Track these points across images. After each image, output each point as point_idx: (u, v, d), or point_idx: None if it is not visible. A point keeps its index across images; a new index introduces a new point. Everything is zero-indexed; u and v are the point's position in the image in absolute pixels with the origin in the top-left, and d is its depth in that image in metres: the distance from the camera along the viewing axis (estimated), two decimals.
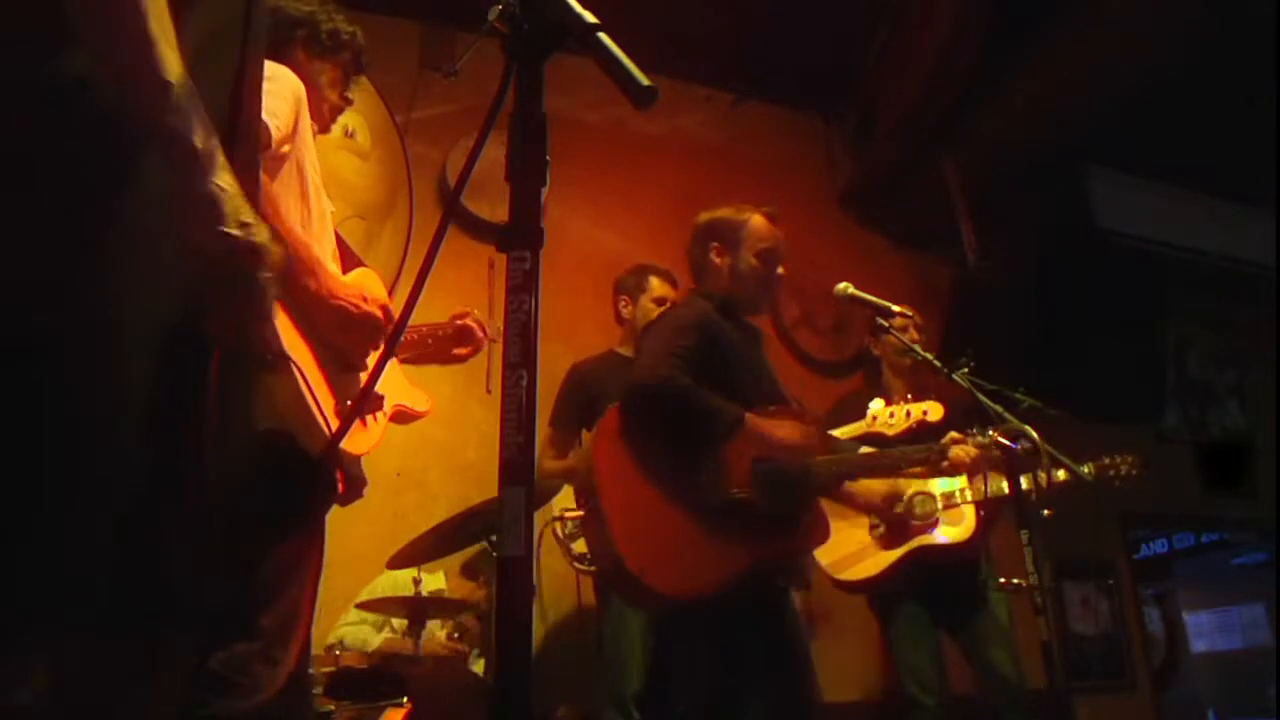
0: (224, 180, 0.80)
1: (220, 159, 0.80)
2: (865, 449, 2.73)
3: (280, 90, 1.70)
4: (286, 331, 1.59)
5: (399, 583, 3.22)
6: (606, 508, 2.16)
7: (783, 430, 2.26)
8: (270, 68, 1.73)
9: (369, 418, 1.89)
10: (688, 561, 2.15)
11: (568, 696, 3.45)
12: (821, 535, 2.42)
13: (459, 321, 2.24)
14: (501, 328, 0.89)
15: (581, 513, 2.91)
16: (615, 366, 3.36)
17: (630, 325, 3.41)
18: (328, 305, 1.68)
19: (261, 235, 0.82)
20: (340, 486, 1.76)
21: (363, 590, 3.31)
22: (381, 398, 1.92)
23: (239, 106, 0.95)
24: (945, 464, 2.68)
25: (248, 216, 0.81)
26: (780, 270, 2.53)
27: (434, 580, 3.42)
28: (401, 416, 2.07)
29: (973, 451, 2.68)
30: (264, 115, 1.62)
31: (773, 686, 2.29)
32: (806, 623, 3.79)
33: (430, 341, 2.24)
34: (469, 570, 3.51)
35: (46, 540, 0.76)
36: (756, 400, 2.34)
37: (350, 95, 2.09)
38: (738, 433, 2.20)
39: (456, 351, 2.25)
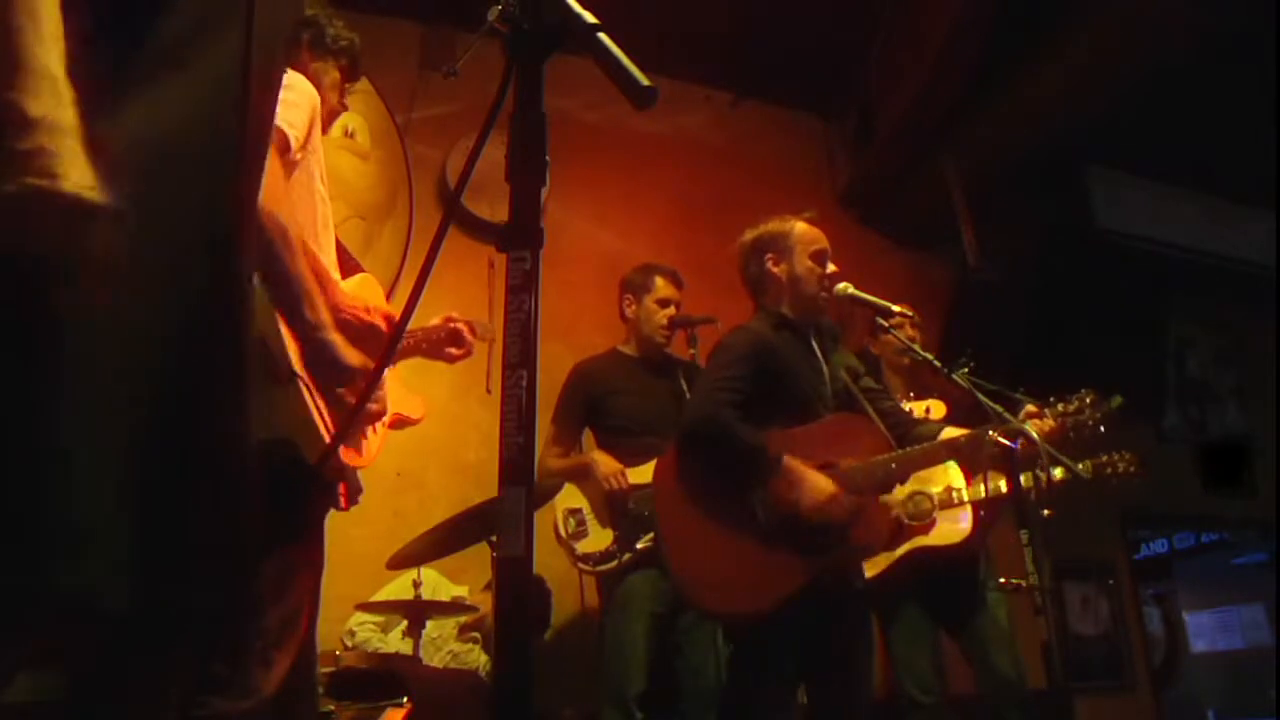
0: (53, 142, 0.76)
1: (61, 125, 0.77)
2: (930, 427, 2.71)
3: (298, 99, 1.71)
4: (293, 350, 1.60)
5: (409, 586, 3.23)
6: (667, 541, 2.40)
7: (814, 488, 2.31)
8: (289, 76, 1.73)
9: (369, 429, 1.90)
10: (745, 582, 2.29)
11: (571, 697, 3.45)
12: (880, 534, 2.49)
13: (451, 324, 2.25)
14: (496, 327, 0.89)
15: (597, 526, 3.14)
16: (618, 366, 3.36)
17: (633, 324, 3.41)
18: (334, 318, 1.69)
19: (76, 184, 0.76)
20: (344, 502, 1.77)
21: (376, 593, 3.32)
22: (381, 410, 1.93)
23: (246, 100, 0.94)
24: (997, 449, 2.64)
25: (68, 170, 0.77)
26: (833, 268, 2.63)
27: (456, 590, 3.42)
28: (399, 424, 2.08)
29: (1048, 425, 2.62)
30: (283, 124, 1.63)
31: (829, 690, 2.38)
32: None
33: (424, 346, 2.25)
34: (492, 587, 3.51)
35: (47, 534, 0.76)
36: (817, 413, 2.47)
37: (345, 102, 2.10)
38: (772, 477, 2.30)
39: (450, 351, 2.26)
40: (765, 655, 2.34)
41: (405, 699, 2.50)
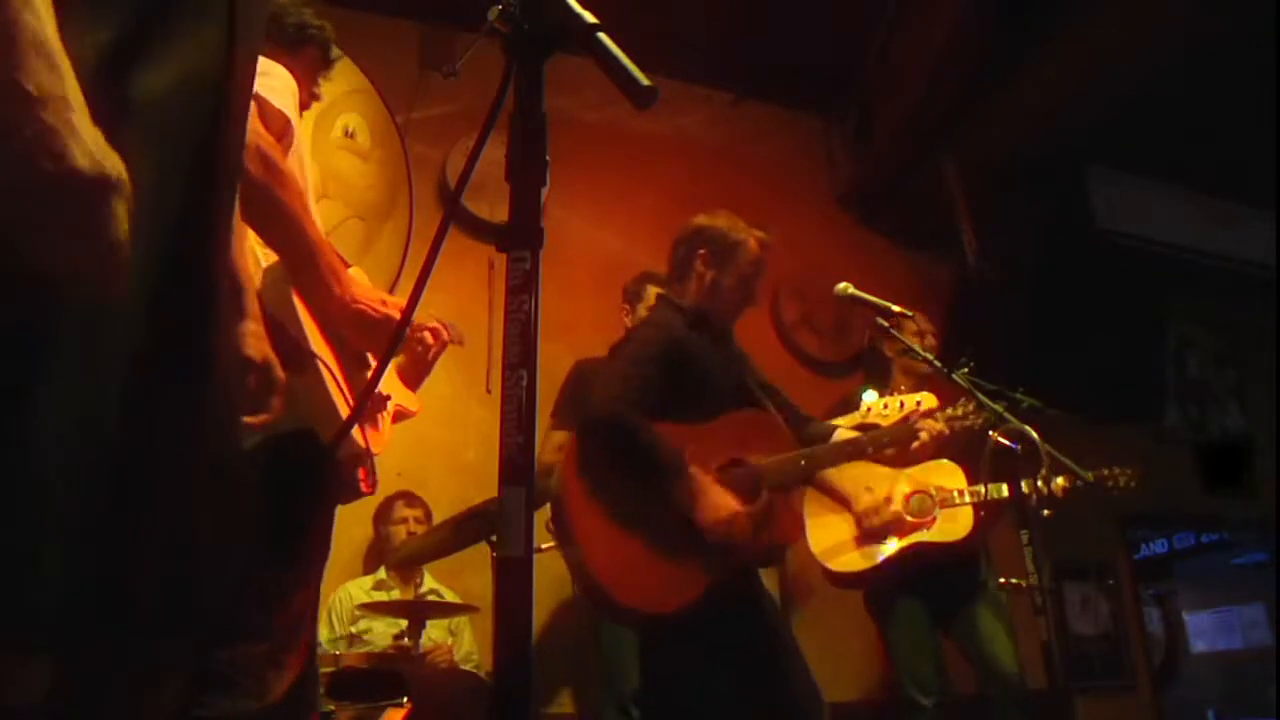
0: (53, 117, 0.71)
1: (62, 96, 0.71)
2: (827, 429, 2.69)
3: (280, 87, 1.70)
4: (311, 332, 1.59)
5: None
6: (578, 530, 2.28)
7: (714, 504, 2.24)
8: (267, 64, 1.73)
9: (380, 417, 1.89)
10: (650, 582, 2.24)
11: (568, 695, 3.45)
12: (791, 534, 2.47)
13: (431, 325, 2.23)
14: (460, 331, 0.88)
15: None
16: None
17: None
18: (349, 309, 1.69)
19: (87, 156, 0.71)
20: (365, 486, 1.75)
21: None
22: (387, 397, 1.93)
23: (231, 97, 0.94)
24: (916, 444, 2.59)
25: (74, 144, 0.71)
26: (755, 296, 2.59)
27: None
28: (399, 416, 2.08)
29: (939, 427, 2.56)
30: (283, 108, 1.63)
31: (759, 688, 2.34)
32: (789, 603, 3.79)
33: (420, 348, 2.24)
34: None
35: (39, 531, 0.76)
36: (721, 408, 2.43)
37: (318, 91, 2.07)
38: (675, 483, 2.24)
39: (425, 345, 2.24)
40: (681, 659, 2.31)
41: (405, 699, 2.50)
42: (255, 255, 1.63)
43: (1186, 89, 4.25)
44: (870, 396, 2.63)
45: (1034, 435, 2.37)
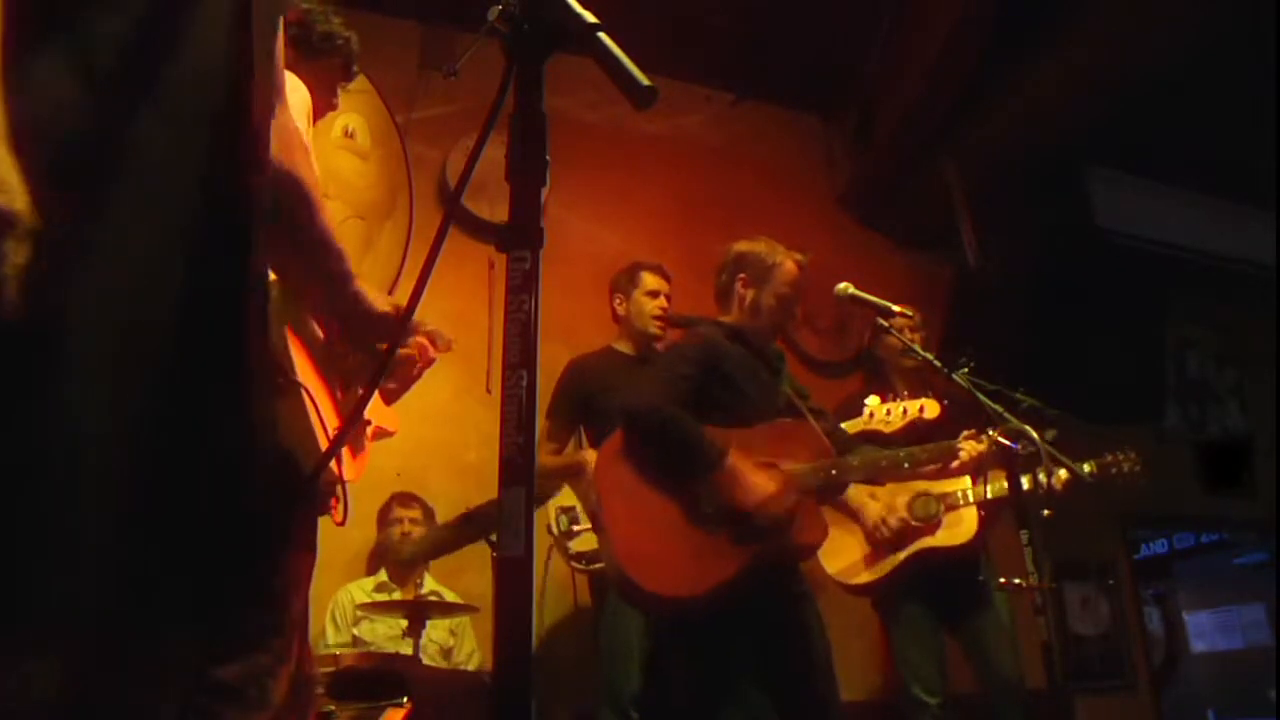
0: None
1: None
2: (868, 449, 2.73)
3: (297, 102, 1.70)
4: (300, 361, 1.60)
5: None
6: (608, 520, 2.38)
7: (755, 486, 2.36)
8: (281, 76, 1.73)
9: (364, 440, 1.89)
10: (685, 565, 2.31)
11: (566, 696, 3.45)
12: (819, 535, 2.47)
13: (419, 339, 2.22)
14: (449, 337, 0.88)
15: (589, 526, 3.11)
16: (613, 363, 3.37)
17: (626, 322, 3.43)
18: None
19: None
20: (336, 515, 1.75)
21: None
22: (368, 421, 1.93)
23: (248, 99, 0.94)
24: (955, 464, 2.67)
25: None
26: (794, 314, 2.73)
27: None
28: (378, 435, 2.07)
29: (981, 449, 2.65)
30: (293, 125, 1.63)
31: (778, 689, 2.38)
32: None
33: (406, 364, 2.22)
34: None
35: (45, 537, 0.76)
36: (761, 420, 2.52)
37: (336, 101, 2.07)
38: (716, 471, 2.34)
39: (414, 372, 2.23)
40: (704, 647, 2.36)
41: (405, 699, 2.50)
42: None
43: (1187, 88, 4.25)
44: (873, 401, 2.65)
45: (1033, 434, 2.38)
